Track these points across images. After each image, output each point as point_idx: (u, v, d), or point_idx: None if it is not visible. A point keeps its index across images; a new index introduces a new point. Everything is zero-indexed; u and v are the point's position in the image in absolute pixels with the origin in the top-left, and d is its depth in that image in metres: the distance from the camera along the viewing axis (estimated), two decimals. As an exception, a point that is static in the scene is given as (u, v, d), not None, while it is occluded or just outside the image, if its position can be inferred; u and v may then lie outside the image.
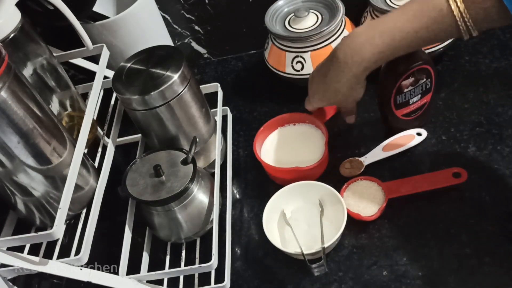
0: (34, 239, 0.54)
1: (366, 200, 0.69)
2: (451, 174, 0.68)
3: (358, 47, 0.61)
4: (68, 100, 0.72)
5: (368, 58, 0.61)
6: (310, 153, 0.75)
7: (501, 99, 0.77)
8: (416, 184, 0.68)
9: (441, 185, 0.67)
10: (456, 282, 0.60)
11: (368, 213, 0.67)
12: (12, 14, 0.61)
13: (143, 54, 0.71)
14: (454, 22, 0.54)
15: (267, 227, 0.67)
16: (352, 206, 0.68)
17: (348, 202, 0.69)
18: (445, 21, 0.55)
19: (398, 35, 0.58)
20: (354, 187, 0.71)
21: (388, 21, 0.59)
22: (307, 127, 0.79)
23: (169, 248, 0.70)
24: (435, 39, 0.58)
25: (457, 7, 0.53)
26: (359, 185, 0.71)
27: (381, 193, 0.69)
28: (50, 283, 0.73)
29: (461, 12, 0.53)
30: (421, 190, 0.67)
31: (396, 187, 0.69)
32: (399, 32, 0.58)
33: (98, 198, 0.63)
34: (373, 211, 0.67)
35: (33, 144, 0.55)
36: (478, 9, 0.52)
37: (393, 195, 0.68)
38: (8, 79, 0.51)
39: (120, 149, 0.86)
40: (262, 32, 0.88)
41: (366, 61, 0.61)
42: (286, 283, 0.66)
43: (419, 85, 0.70)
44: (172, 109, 0.68)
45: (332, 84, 0.66)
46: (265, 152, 0.78)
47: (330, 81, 0.66)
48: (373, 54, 0.60)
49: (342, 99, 0.69)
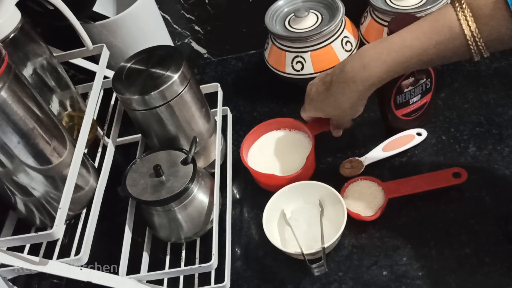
0: (34, 239, 0.54)
1: (366, 200, 0.68)
2: (451, 174, 0.68)
3: (366, 62, 0.60)
4: (68, 100, 0.72)
5: (376, 74, 0.59)
6: (295, 162, 0.75)
7: (501, 99, 0.77)
8: (416, 184, 0.68)
9: (441, 185, 0.67)
10: (456, 282, 0.60)
11: (368, 213, 0.67)
12: (12, 14, 0.61)
13: (143, 54, 0.71)
14: (465, 42, 0.52)
15: (267, 227, 0.67)
16: (352, 206, 0.68)
17: (348, 202, 0.69)
18: (455, 41, 0.53)
19: (407, 53, 0.57)
20: (354, 187, 0.71)
21: (398, 38, 0.58)
22: (301, 135, 0.79)
23: (169, 248, 0.70)
24: (444, 59, 0.56)
25: (468, 26, 0.51)
26: (359, 185, 0.71)
27: (381, 193, 0.69)
28: (50, 283, 0.73)
29: (472, 32, 0.51)
30: (421, 190, 0.67)
31: (396, 187, 0.69)
32: (408, 50, 0.56)
33: (98, 198, 0.63)
34: (373, 211, 0.67)
35: (33, 144, 0.55)
36: (491, 30, 0.50)
37: (393, 195, 0.68)
38: (8, 79, 0.51)
39: (120, 149, 0.86)
40: (262, 32, 0.88)
41: (373, 77, 0.60)
42: (286, 283, 0.66)
43: (419, 85, 0.70)
44: (172, 109, 0.68)
45: (335, 96, 0.65)
46: (252, 154, 0.78)
47: (334, 93, 0.65)
48: (381, 70, 0.59)
49: (340, 114, 0.68)
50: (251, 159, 0.77)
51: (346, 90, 0.63)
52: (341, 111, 0.67)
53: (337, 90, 0.64)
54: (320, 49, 0.81)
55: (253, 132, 0.79)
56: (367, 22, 0.84)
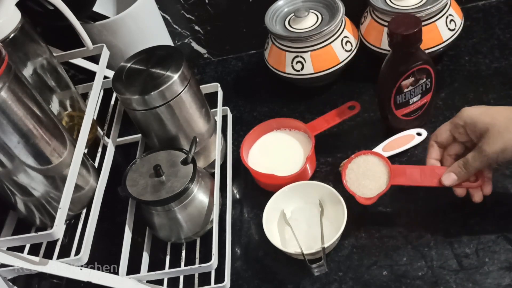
0: (34, 239, 0.54)
1: (368, 180, 0.65)
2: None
3: None
4: (68, 100, 0.72)
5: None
6: (295, 162, 0.75)
7: (501, 99, 0.77)
8: (423, 175, 0.63)
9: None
10: (456, 282, 0.60)
11: (366, 194, 0.64)
12: (12, 14, 0.61)
13: (143, 54, 0.71)
14: None
15: (267, 227, 0.67)
16: (352, 182, 0.66)
17: (349, 176, 0.66)
18: None
19: None
20: (360, 161, 0.67)
21: None
22: (301, 135, 0.79)
23: (169, 248, 0.70)
24: None
25: None
26: (367, 160, 0.67)
27: (386, 176, 0.65)
28: (50, 283, 0.73)
29: None
30: (429, 185, 0.63)
31: (403, 171, 0.64)
32: None
33: (98, 198, 0.63)
34: (372, 194, 0.64)
35: (33, 144, 0.55)
36: None
37: (397, 181, 0.64)
38: (8, 79, 0.51)
39: (120, 149, 0.86)
40: (262, 32, 0.88)
41: None
42: (286, 283, 0.66)
43: (419, 85, 0.70)
44: (172, 109, 0.68)
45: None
46: (252, 154, 0.78)
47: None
48: None
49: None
50: (251, 159, 0.77)
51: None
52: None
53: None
54: (320, 49, 0.81)
55: (253, 132, 0.79)
56: (367, 22, 0.84)
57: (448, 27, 0.79)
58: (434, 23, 0.78)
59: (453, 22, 0.79)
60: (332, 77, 0.86)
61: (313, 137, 0.75)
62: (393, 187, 0.64)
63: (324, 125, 0.77)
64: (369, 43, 0.84)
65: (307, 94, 0.88)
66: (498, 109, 0.59)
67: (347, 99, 0.81)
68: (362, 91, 0.86)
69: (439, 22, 0.78)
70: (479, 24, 0.89)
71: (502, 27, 0.87)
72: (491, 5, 0.91)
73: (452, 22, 0.79)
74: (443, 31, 0.79)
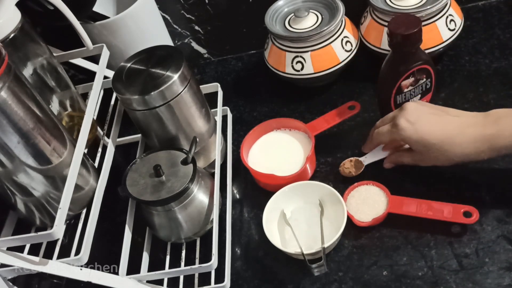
0: (34, 239, 0.54)
1: (367, 206, 0.68)
2: (461, 211, 0.63)
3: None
4: (68, 100, 0.72)
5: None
6: (295, 162, 0.75)
7: (501, 99, 0.77)
8: (421, 208, 0.65)
9: (447, 219, 0.63)
10: (456, 282, 0.60)
11: (363, 219, 0.66)
12: (12, 14, 0.61)
13: (143, 54, 0.71)
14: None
15: (267, 227, 0.67)
16: (352, 207, 0.68)
17: (349, 202, 0.69)
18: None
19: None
20: (362, 189, 0.69)
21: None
22: (301, 135, 0.79)
23: (169, 248, 0.70)
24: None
25: None
26: (368, 189, 0.69)
27: (384, 205, 0.67)
28: (50, 283, 0.73)
29: None
30: (424, 216, 0.64)
31: (400, 203, 0.66)
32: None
33: (98, 198, 0.63)
34: (368, 219, 0.66)
35: (33, 144, 0.55)
36: None
37: (394, 211, 0.66)
38: (8, 79, 0.51)
39: (120, 149, 0.86)
40: (262, 32, 0.88)
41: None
42: (286, 283, 0.66)
43: (419, 85, 0.70)
44: (172, 109, 0.68)
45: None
46: (252, 154, 0.78)
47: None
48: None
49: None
50: (251, 159, 0.77)
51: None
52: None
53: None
54: (320, 49, 0.81)
55: (253, 132, 0.79)
56: (367, 22, 0.84)
57: (448, 27, 0.79)
58: (434, 23, 0.78)
59: (453, 22, 0.79)
60: (332, 77, 0.86)
61: (313, 137, 0.75)
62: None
63: (324, 125, 0.77)
64: (369, 43, 0.84)
65: (307, 94, 0.88)
66: (431, 130, 0.63)
67: (347, 99, 0.81)
68: (362, 91, 0.86)
69: (439, 22, 0.78)
70: (479, 24, 0.89)
71: (502, 27, 0.87)
72: (491, 5, 0.91)
73: (452, 22, 0.79)
74: (443, 31, 0.79)
